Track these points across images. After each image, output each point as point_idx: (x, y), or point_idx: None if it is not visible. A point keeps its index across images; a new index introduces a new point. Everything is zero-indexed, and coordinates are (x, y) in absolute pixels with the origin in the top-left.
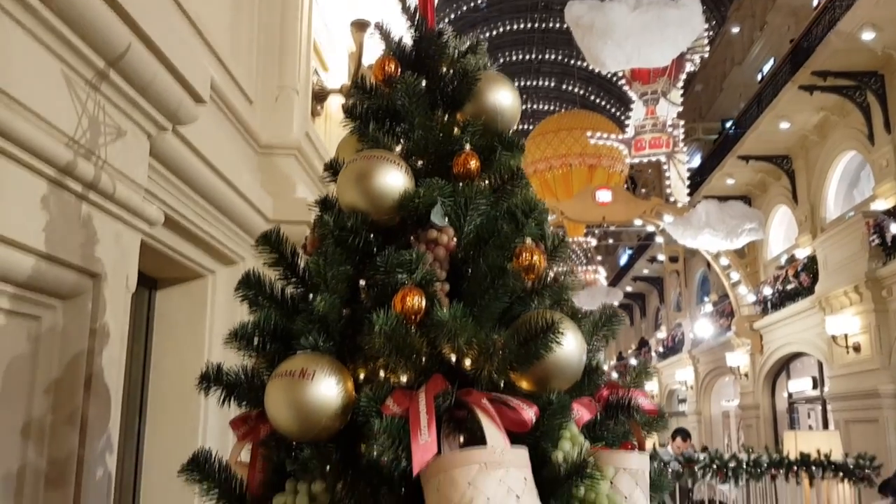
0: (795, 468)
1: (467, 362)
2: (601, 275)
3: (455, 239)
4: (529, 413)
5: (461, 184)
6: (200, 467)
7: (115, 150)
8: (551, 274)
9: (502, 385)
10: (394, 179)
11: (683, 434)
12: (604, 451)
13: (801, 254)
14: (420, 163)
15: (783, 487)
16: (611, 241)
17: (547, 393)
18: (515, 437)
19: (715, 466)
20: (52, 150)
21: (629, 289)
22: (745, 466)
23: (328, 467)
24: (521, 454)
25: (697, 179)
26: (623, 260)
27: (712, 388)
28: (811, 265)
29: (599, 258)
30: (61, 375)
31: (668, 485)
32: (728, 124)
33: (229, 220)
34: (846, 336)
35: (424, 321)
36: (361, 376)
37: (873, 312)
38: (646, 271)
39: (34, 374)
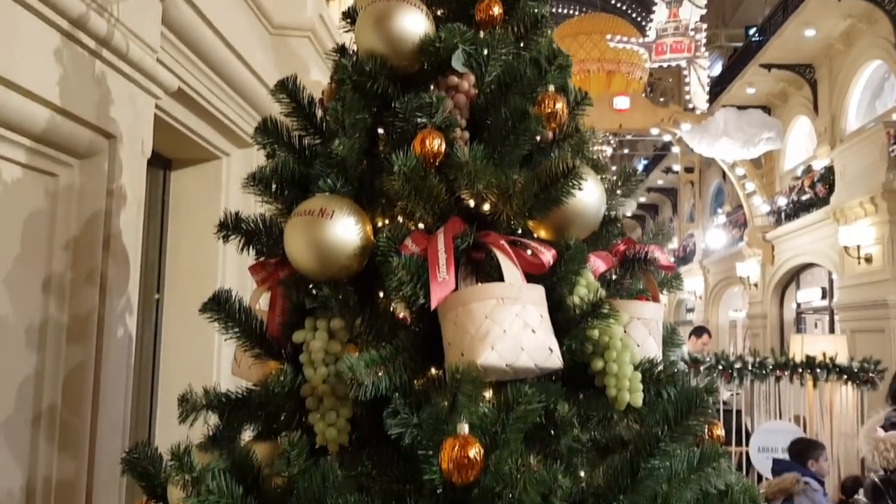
0: (800, 370)
1: (486, 206)
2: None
3: (476, 87)
4: (547, 256)
5: (483, 31)
6: (221, 306)
7: (128, 9)
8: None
9: (520, 233)
10: (414, 22)
11: (699, 332)
12: (618, 301)
13: (819, 165)
14: (440, 12)
15: (787, 390)
16: (626, 150)
17: (565, 240)
18: (532, 280)
19: (720, 367)
20: (64, 1)
21: (643, 199)
22: (750, 368)
23: (347, 305)
24: (538, 292)
25: (717, 88)
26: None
27: (721, 298)
28: (828, 176)
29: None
30: (80, 234)
31: None
32: (751, 31)
33: (243, 100)
34: (858, 247)
35: (444, 165)
36: (380, 224)
37: (888, 224)
38: (660, 182)
39: (53, 231)
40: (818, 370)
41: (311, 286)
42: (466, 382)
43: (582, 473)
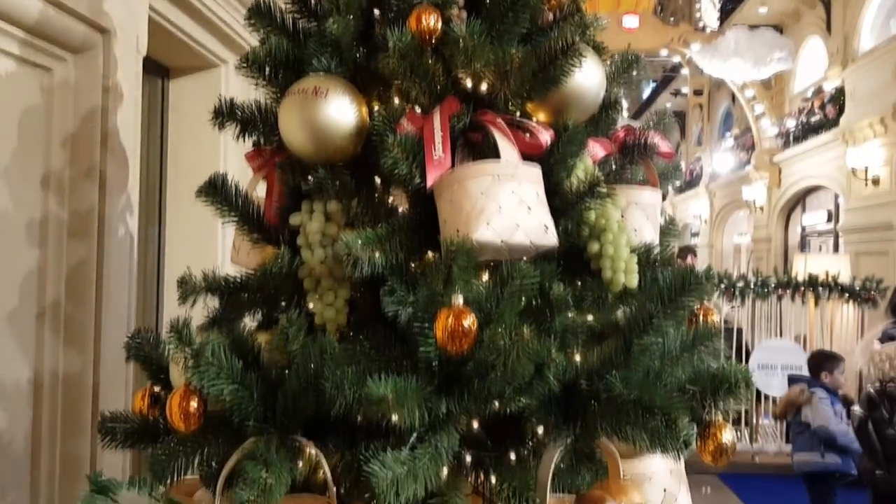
0: (802, 289)
1: (483, 86)
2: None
3: None
4: (545, 136)
5: None
6: (217, 190)
7: None
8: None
9: (518, 115)
10: None
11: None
12: (616, 186)
13: (829, 86)
14: None
15: (788, 309)
16: (634, 73)
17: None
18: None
19: (723, 286)
20: None
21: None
22: (752, 287)
23: (343, 188)
24: (535, 170)
25: (728, 7)
26: (646, 94)
27: (726, 221)
28: (838, 97)
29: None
30: (77, 130)
31: None
32: None
33: (240, 6)
34: (866, 169)
35: (440, 44)
36: (376, 108)
37: None
38: (668, 105)
39: (50, 127)
40: (820, 289)
41: (307, 170)
42: (461, 255)
43: (577, 357)
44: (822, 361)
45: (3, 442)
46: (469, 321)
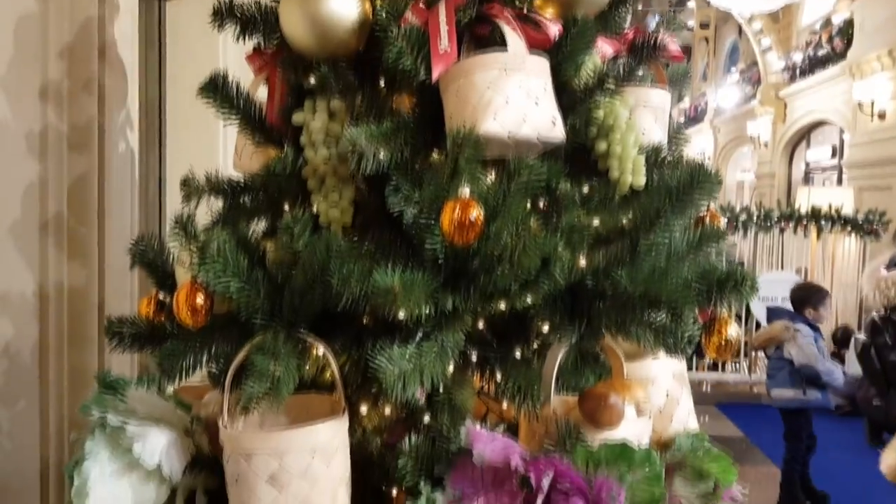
0: (805, 222)
1: None
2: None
3: None
4: (553, 29)
5: None
6: (218, 88)
7: None
8: None
9: (526, 10)
10: None
11: None
12: (625, 86)
13: (838, 19)
14: None
15: (790, 242)
16: (640, 7)
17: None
18: None
19: (726, 218)
20: None
21: None
22: (755, 220)
23: (347, 85)
24: (543, 63)
25: None
26: (651, 27)
27: (730, 158)
28: (846, 29)
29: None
30: (74, 40)
31: None
32: None
33: None
34: (872, 103)
35: None
36: (379, 3)
37: None
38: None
39: (46, 36)
40: (823, 221)
41: (309, 67)
42: (468, 146)
43: (583, 261)
44: (809, 295)
45: (10, 353)
46: (476, 213)
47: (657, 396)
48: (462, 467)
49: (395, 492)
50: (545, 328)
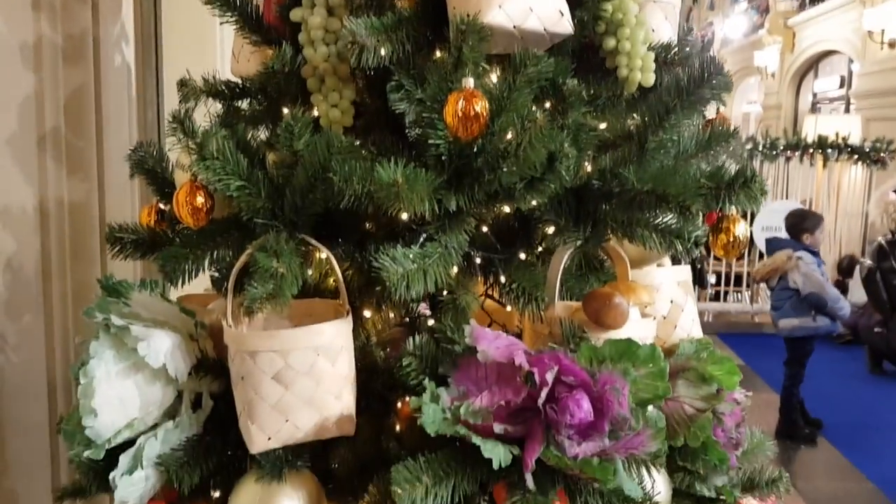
0: (811, 151)
1: None
2: None
3: None
4: None
5: None
6: None
7: None
8: None
9: None
10: None
11: None
12: None
13: None
14: None
15: (796, 171)
16: None
17: None
18: None
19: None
20: None
21: None
22: (760, 149)
23: None
24: None
25: None
26: None
27: (736, 89)
28: None
29: None
30: None
31: None
32: None
33: None
34: (882, 31)
35: None
36: None
37: None
38: None
39: None
40: (829, 150)
41: None
42: (472, 36)
43: (589, 166)
44: (802, 221)
45: (13, 267)
46: (480, 105)
47: (662, 304)
48: (466, 367)
49: (399, 404)
50: (550, 231)
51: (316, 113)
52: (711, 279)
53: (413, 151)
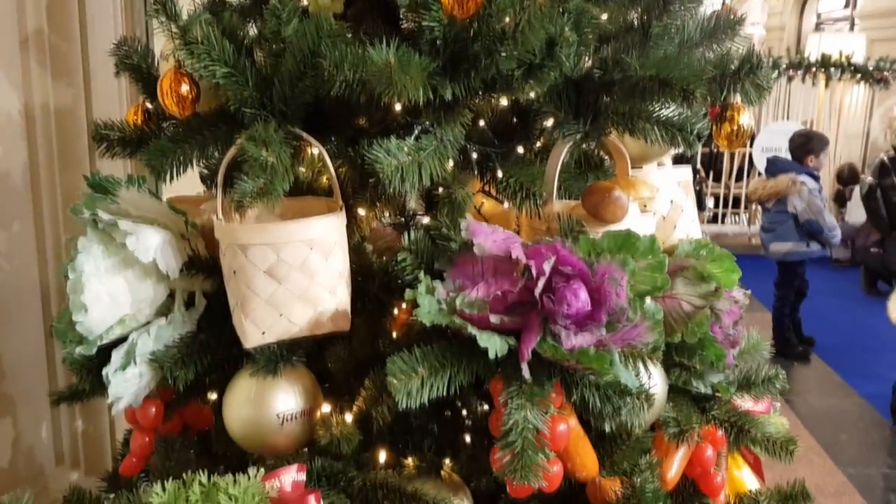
0: (814, 69)
1: None
2: None
3: None
4: None
5: None
6: None
7: None
8: None
9: None
10: None
11: None
12: None
13: None
14: None
15: (797, 91)
16: None
17: None
18: None
19: None
20: None
21: None
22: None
23: None
24: None
25: None
26: None
27: (738, 10)
28: None
29: None
30: None
31: None
32: None
33: None
34: None
35: None
36: None
37: None
38: None
39: None
40: (832, 69)
41: None
42: None
43: (588, 61)
44: (808, 142)
45: (1, 173)
46: None
47: (662, 204)
48: (462, 262)
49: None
50: (549, 124)
51: (304, 1)
52: (709, 202)
53: (406, 40)
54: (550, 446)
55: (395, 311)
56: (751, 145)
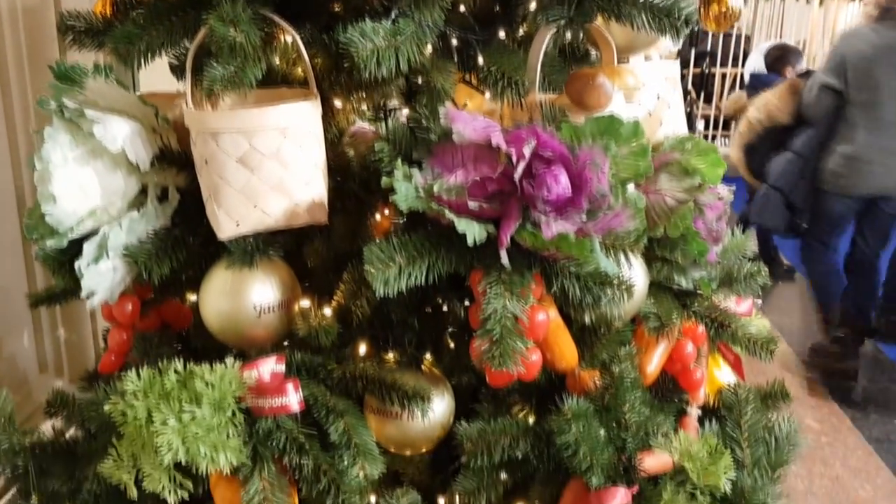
0: None
1: None
2: None
3: None
4: None
5: None
6: None
7: None
8: None
9: None
10: None
11: None
12: None
13: None
14: None
15: (791, 10)
16: None
17: None
18: None
19: None
20: None
21: None
22: None
23: None
24: None
25: None
26: None
27: None
28: None
29: None
30: None
31: None
32: None
33: None
34: None
35: None
36: None
37: None
38: None
39: None
40: None
41: None
42: None
43: None
44: (786, 54)
45: None
46: None
47: (648, 99)
48: (441, 152)
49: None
50: (532, 7)
51: None
52: (700, 124)
53: None
54: (529, 334)
55: (378, 217)
56: (743, 65)
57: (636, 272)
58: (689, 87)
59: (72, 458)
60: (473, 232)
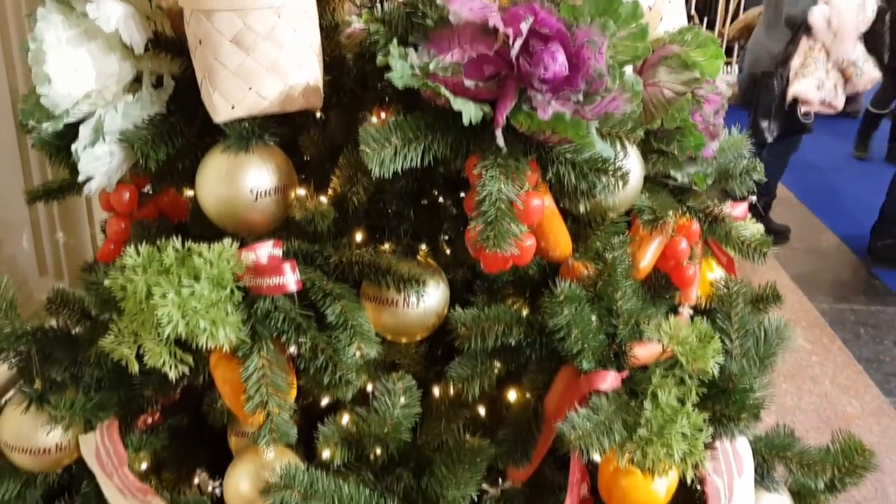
0: None
1: None
2: None
3: None
4: None
5: None
6: None
7: None
8: None
9: None
10: None
11: None
12: None
13: None
14: None
15: None
16: None
17: None
18: None
19: None
20: None
21: None
22: None
23: None
24: None
25: None
26: None
27: None
28: None
29: None
30: None
31: None
32: None
33: None
34: None
35: None
36: None
37: None
38: None
39: None
40: None
41: None
42: None
43: None
44: None
45: None
46: None
47: None
48: (438, 36)
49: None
50: None
51: None
52: None
53: None
54: (524, 219)
55: (374, 119)
56: None
57: (632, 161)
58: (692, 11)
59: (73, 343)
60: (469, 111)
